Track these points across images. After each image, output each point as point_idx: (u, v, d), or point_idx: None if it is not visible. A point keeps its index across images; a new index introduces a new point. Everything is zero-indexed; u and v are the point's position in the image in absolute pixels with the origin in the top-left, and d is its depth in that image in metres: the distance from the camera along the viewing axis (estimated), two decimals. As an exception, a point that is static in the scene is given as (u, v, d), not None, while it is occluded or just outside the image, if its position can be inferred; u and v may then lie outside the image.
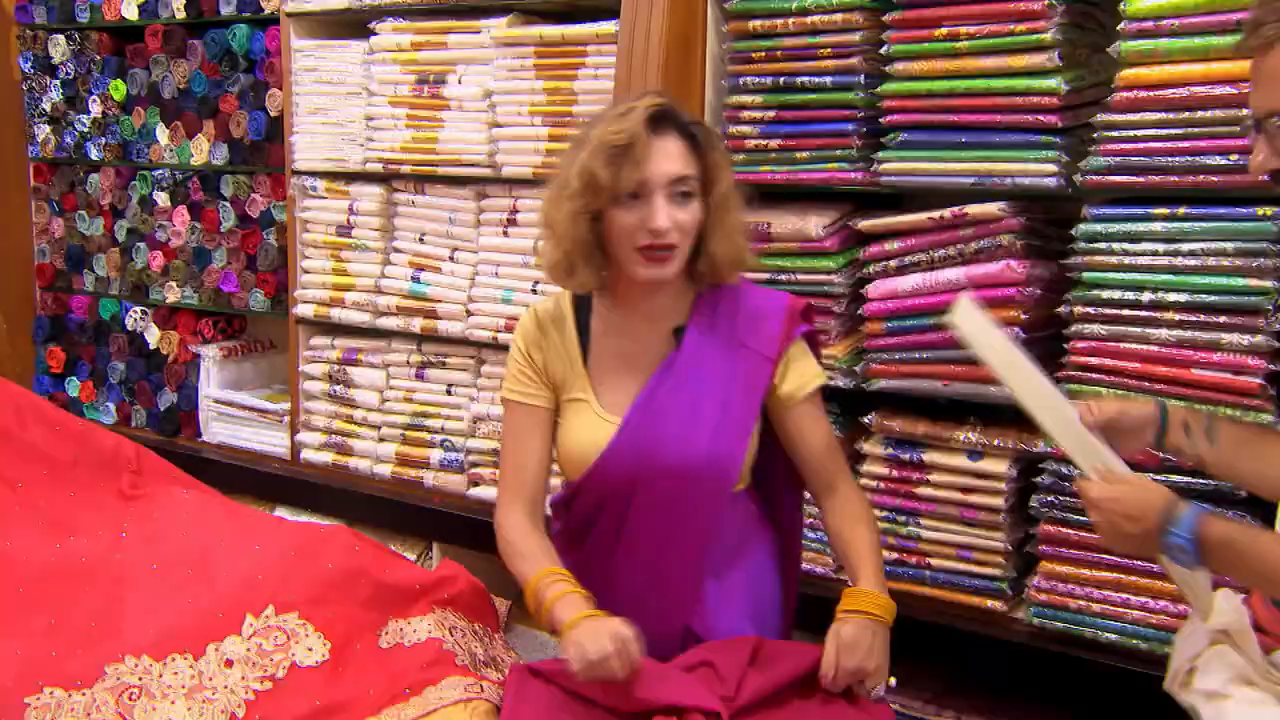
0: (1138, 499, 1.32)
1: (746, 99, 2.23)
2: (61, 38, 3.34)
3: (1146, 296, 1.90)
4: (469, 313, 2.66)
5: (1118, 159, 1.91)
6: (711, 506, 1.54)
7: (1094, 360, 1.94)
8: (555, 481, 1.76)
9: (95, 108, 3.31)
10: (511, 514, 1.57)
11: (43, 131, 3.44)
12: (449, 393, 2.74)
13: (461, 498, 2.71)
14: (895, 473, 2.11)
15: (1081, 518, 1.96)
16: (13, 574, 1.46)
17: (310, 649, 1.42)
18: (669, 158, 1.48)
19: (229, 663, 1.38)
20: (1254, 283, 1.82)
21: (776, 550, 1.70)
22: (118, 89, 3.24)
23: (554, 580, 1.45)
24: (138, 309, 3.31)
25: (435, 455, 2.75)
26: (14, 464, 1.60)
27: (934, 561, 2.10)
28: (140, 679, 1.35)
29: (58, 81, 3.38)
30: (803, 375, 1.60)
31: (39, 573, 1.48)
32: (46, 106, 3.42)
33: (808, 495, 1.74)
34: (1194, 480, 1.87)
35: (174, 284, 3.22)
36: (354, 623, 1.46)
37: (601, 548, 1.57)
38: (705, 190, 1.53)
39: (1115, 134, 1.91)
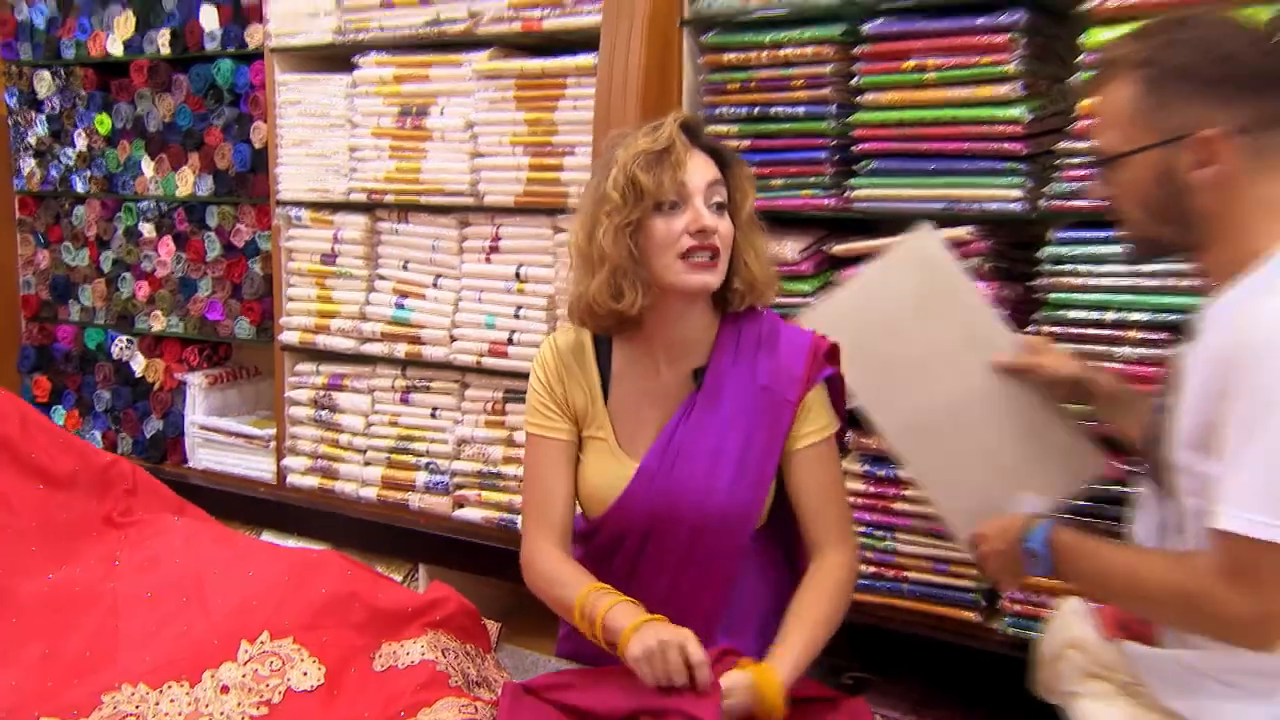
0: (1003, 523, 1.43)
1: (722, 129, 2.25)
2: (47, 73, 3.31)
3: (1110, 316, 1.92)
4: (453, 338, 2.65)
5: (1080, 184, 1.93)
6: (726, 554, 1.47)
7: (1061, 378, 1.96)
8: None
9: (81, 141, 3.28)
10: (542, 547, 1.50)
11: (28, 165, 3.41)
12: (433, 416, 2.73)
13: (447, 519, 2.69)
14: (872, 489, 2.12)
15: (1052, 530, 1.98)
16: (7, 604, 1.43)
17: (305, 674, 1.39)
18: (705, 164, 1.45)
19: (225, 689, 1.36)
20: (1211, 301, 1.86)
21: (789, 587, 1.57)
22: (103, 123, 3.22)
23: (602, 594, 1.40)
24: (123, 338, 3.28)
25: (420, 478, 2.73)
26: (13, 477, 1.57)
27: (910, 575, 2.11)
28: (137, 707, 1.32)
29: (43, 116, 3.35)
30: (813, 421, 1.48)
31: (33, 602, 1.45)
32: (32, 140, 3.39)
33: None
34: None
35: (160, 313, 3.19)
36: (348, 647, 1.44)
37: (617, 581, 1.51)
38: (733, 208, 1.47)
39: (1077, 160, 1.93)
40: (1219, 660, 1.24)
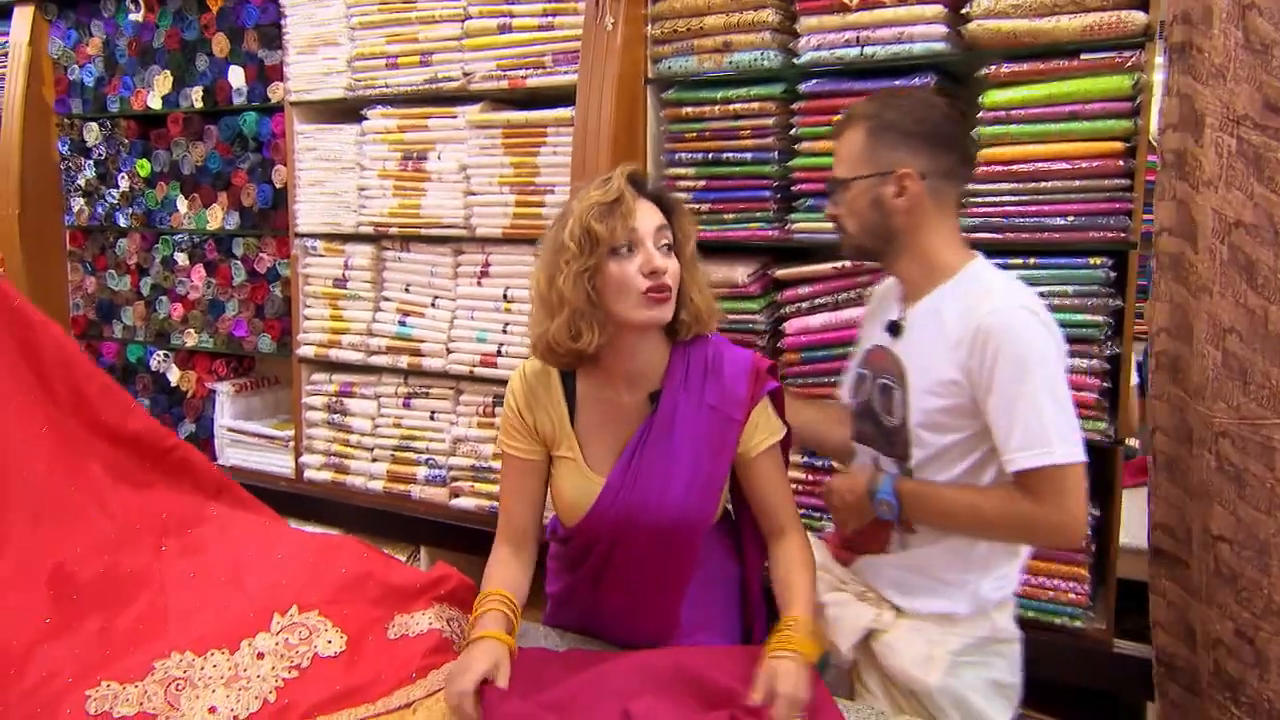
0: (850, 480, 1.52)
1: (681, 170, 2.23)
2: (95, 125, 3.22)
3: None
4: (449, 350, 2.60)
5: (981, 219, 1.95)
6: (683, 553, 1.43)
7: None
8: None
9: (124, 183, 3.19)
10: (497, 546, 1.47)
11: (78, 204, 3.30)
12: (432, 418, 2.68)
13: (445, 508, 2.63)
14: (810, 477, 2.11)
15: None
16: (68, 584, 1.36)
17: (330, 641, 1.35)
18: (651, 211, 1.37)
19: (260, 655, 1.31)
20: (1090, 317, 1.87)
21: (743, 570, 1.56)
22: (143, 167, 3.13)
23: (487, 597, 1.35)
24: (161, 353, 3.18)
25: (421, 472, 2.67)
26: (87, 440, 1.47)
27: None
28: (185, 671, 1.27)
29: (91, 161, 3.25)
30: (761, 431, 1.43)
31: (92, 583, 1.38)
32: (81, 182, 3.28)
33: None
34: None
35: (192, 331, 3.10)
36: (365, 618, 1.40)
37: (589, 578, 1.49)
38: (678, 249, 1.38)
39: (979, 200, 1.95)
40: (922, 565, 1.46)
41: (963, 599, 1.44)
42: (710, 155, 2.19)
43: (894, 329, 1.49)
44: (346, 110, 2.73)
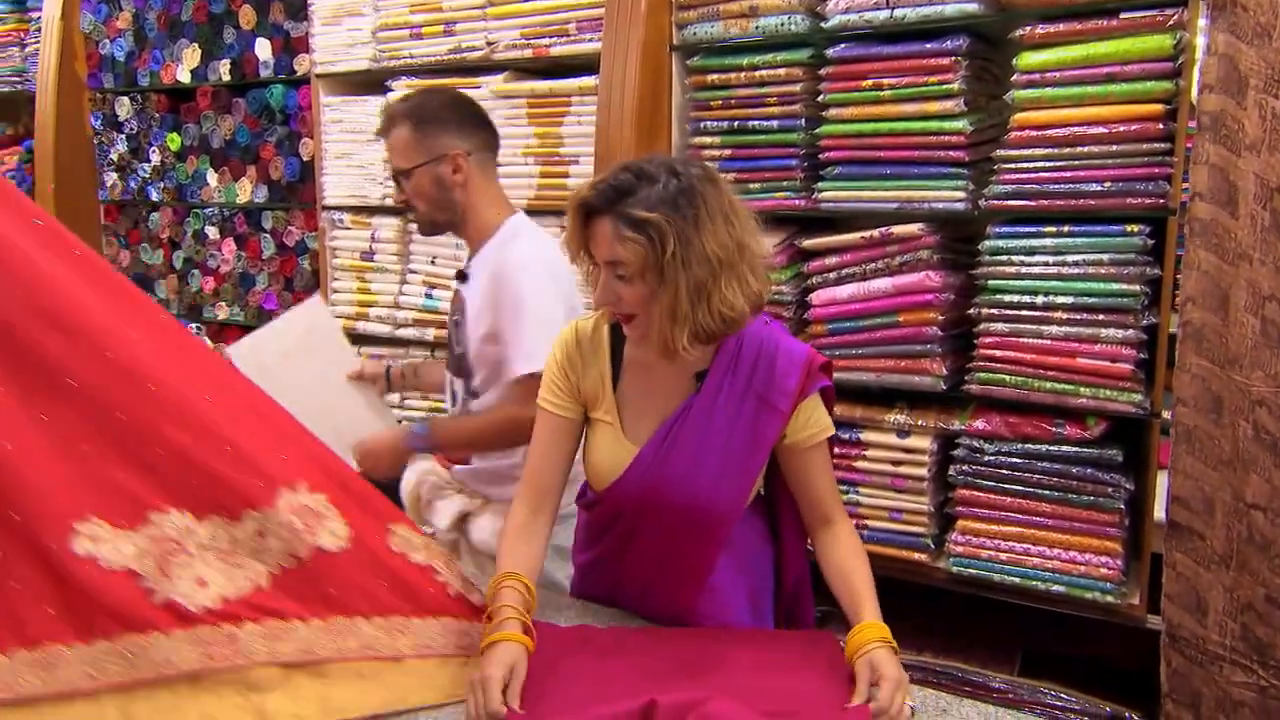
0: (381, 435, 1.82)
1: (706, 140, 2.20)
2: (126, 99, 3.25)
3: (1040, 300, 1.89)
4: (475, 323, 2.61)
5: (1014, 187, 1.90)
6: (711, 537, 1.39)
7: (998, 353, 1.93)
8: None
9: (155, 157, 3.22)
10: (517, 508, 1.43)
11: (111, 178, 3.35)
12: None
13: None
14: (838, 450, 2.08)
15: (991, 483, 1.96)
16: (65, 391, 1.18)
17: (334, 533, 1.26)
18: (602, 241, 1.26)
19: (261, 534, 1.23)
20: (1126, 287, 1.83)
21: (779, 552, 1.52)
22: (174, 141, 3.16)
23: (503, 587, 1.30)
24: (193, 325, 3.23)
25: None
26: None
27: (870, 523, 2.08)
28: (180, 538, 1.19)
29: (123, 136, 3.29)
30: (810, 426, 1.37)
31: (90, 372, 1.19)
32: (114, 157, 3.33)
33: None
34: (1080, 450, 1.87)
35: (224, 304, 3.14)
36: (371, 517, 1.32)
37: (615, 548, 1.46)
38: (658, 271, 1.24)
39: (1011, 166, 1.90)
40: (497, 465, 1.80)
41: (509, 488, 1.69)
42: (736, 123, 2.16)
43: (461, 277, 1.82)
44: (372, 82, 2.73)
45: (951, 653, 2.03)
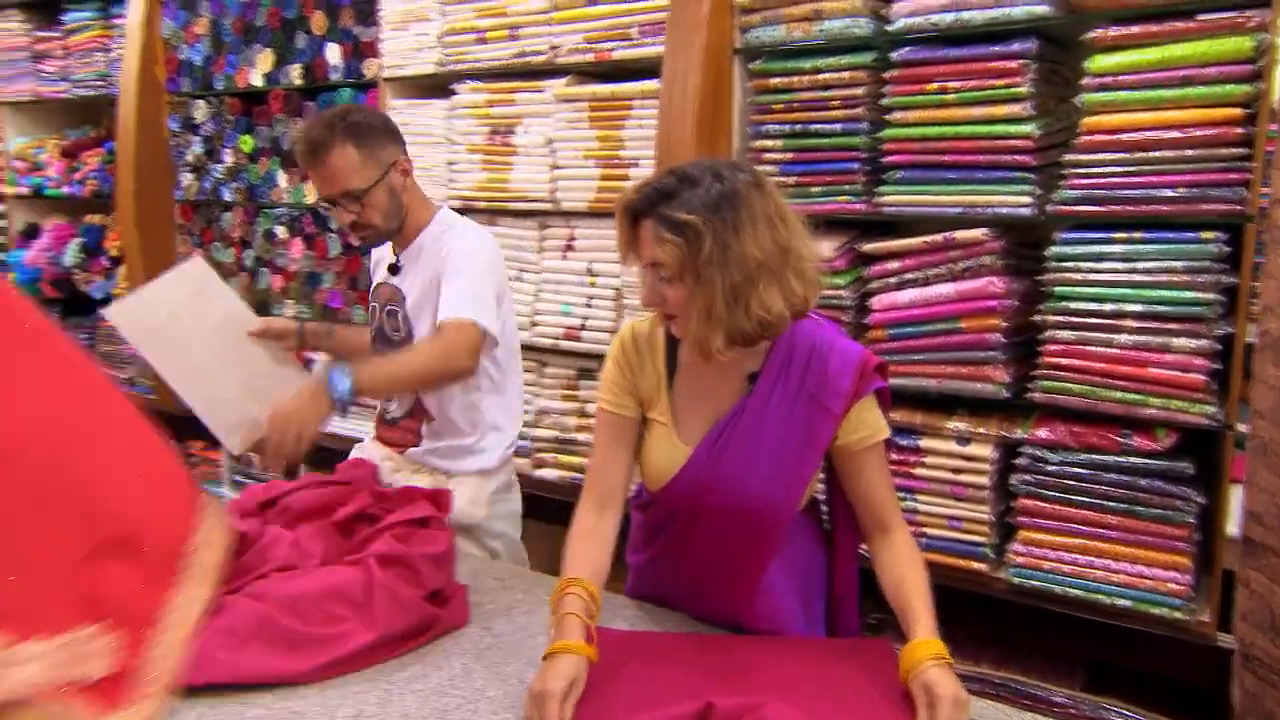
0: (299, 391, 1.62)
1: (768, 143, 2.20)
2: (202, 102, 3.36)
3: (1109, 307, 1.85)
4: (533, 323, 2.63)
5: (1083, 192, 1.86)
6: (765, 537, 1.39)
7: (1064, 360, 1.89)
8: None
9: (229, 158, 3.32)
10: (583, 511, 1.44)
11: (187, 179, 3.46)
12: (517, 390, 2.72)
13: (528, 478, 2.68)
14: (896, 456, 2.06)
15: (1054, 493, 1.92)
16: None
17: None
18: (646, 244, 1.29)
19: None
20: (1200, 295, 1.78)
21: (831, 557, 1.52)
22: (246, 143, 3.26)
23: (567, 593, 1.30)
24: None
25: (506, 442, 2.73)
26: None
27: (929, 530, 2.05)
28: None
29: (199, 138, 3.40)
30: (864, 428, 1.37)
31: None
32: (190, 158, 3.44)
33: None
34: (1149, 462, 1.82)
35: (291, 301, 3.22)
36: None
37: (669, 549, 1.48)
38: (695, 272, 1.26)
39: (1080, 170, 1.87)
40: (453, 443, 1.89)
41: (490, 456, 1.91)
42: (798, 127, 2.15)
43: (393, 269, 1.90)
44: (437, 85, 2.78)
45: (1010, 664, 1.99)
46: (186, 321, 1.92)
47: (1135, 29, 1.79)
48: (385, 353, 1.91)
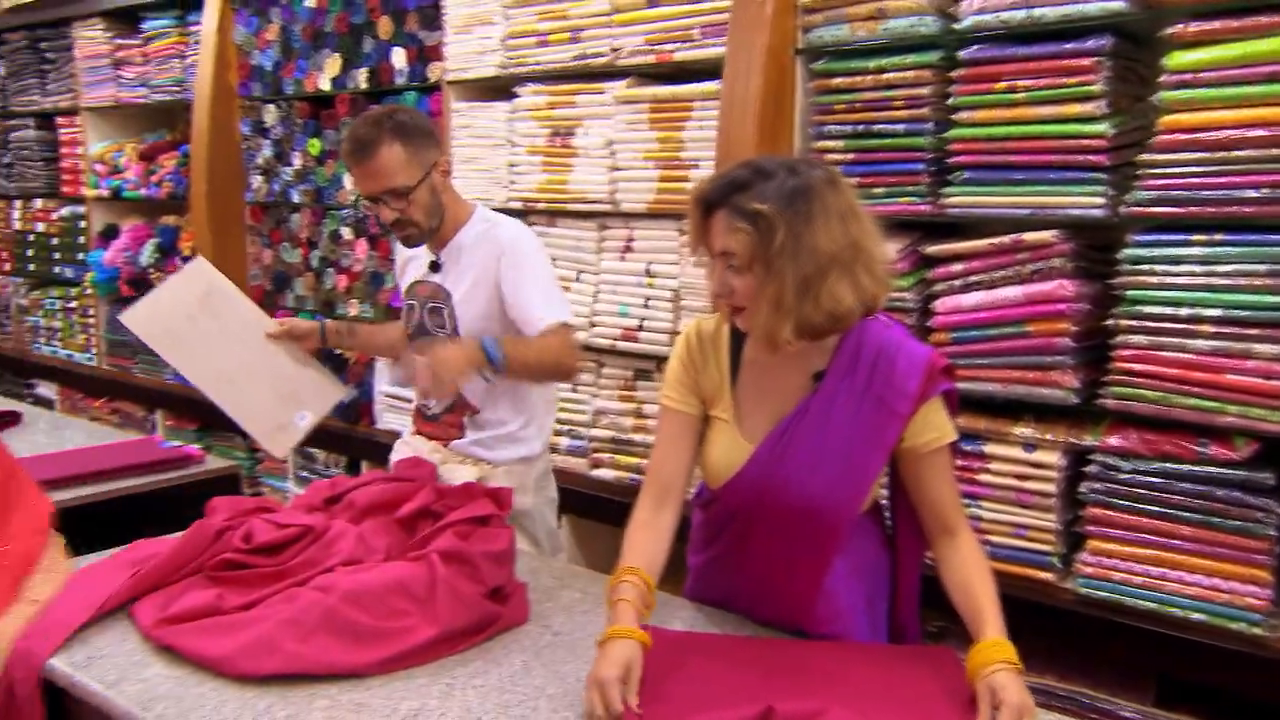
0: (458, 345, 1.76)
1: (829, 144, 2.17)
2: (272, 106, 3.44)
3: (1185, 311, 1.79)
4: (592, 324, 2.65)
5: (1159, 192, 1.80)
6: (827, 539, 1.37)
7: (1137, 366, 1.83)
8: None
9: (297, 161, 3.40)
10: (642, 504, 1.44)
11: (256, 181, 3.56)
12: (574, 390, 2.73)
13: (585, 478, 2.69)
14: (960, 462, 2.02)
15: (1126, 502, 1.86)
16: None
17: None
18: (717, 232, 1.30)
19: None
20: (1284, 299, 1.71)
21: (895, 561, 1.50)
22: (314, 146, 3.33)
23: (622, 581, 1.32)
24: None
25: (563, 442, 2.74)
26: None
27: (993, 538, 2.00)
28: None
29: (269, 141, 3.48)
30: (930, 430, 1.35)
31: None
32: (260, 161, 3.53)
33: None
34: (1226, 472, 1.76)
35: (355, 301, 3.29)
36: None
37: (730, 549, 1.47)
38: (765, 262, 1.26)
39: (1157, 171, 1.80)
40: (497, 433, 1.93)
41: (533, 444, 1.96)
42: (860, 127, 2.12)
43: (434, 267, 1.93)
44: (499, 88, 2.81)
45: (1078, 677, 1.94)
46: (204, 324, 2.00)
47: (1216, 24, 1.73)
48: (425, 347, 1.90)
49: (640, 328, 2.54)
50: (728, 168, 1.34)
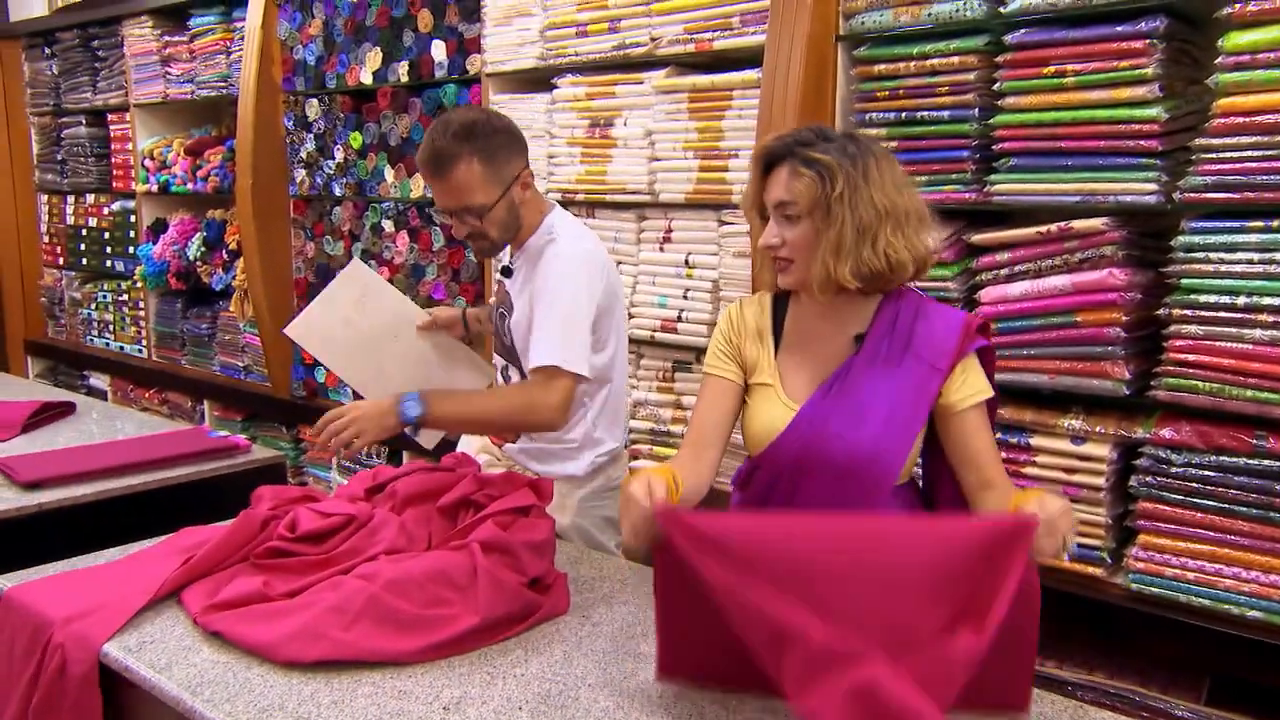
0: (380, 403, 1.68)
1: (871, 131, 2.13)
2: (315, 100, 3.48)
3: (1241, 300, 1.73)
4: (630, 315, 2.63)
5: (1214, 178, 1.75)
6: (872, 499, 1.40)
7: (1191, 357, 1.78)
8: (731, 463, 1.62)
9: (339, 155, 3.43)
10: (679, 456, 1.48)
11: (300, 174, 3.60)
12: (614, 381, 2.73)
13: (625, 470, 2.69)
14: (1005, 454, 1.97)
15: (1179, 496, 1.81)
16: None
17: None
18: (777, 185, 1.40)
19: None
20: (1346, 288, 1.64)
21: None
22: (356, 139, 3.36)
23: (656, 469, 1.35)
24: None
25: (603, 432, 2.74)
26: None
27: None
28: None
29: (311, 135, 3.52)
30: (968, 387, 1.40)
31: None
32: (303, 155, 3.56)
33: None
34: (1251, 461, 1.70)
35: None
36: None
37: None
38: (825, 209, 1.35)
39: (1212, 156, 1.75)
40: (543, 446, 1.90)
41: (579, 465, 1.90)
42: (903, 114, 2.08)
43: (506, 272, 1.92)
44: (538, 80, 2.81)
45: (1128, 674, 1.89)
46: (360, 326, 2.03)
47: (1276, 2, 1.66)
48: (502, 351, 1.96)
49: (679, 319, 2.53)
50: (791, 130, 1.44)
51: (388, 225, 3.31)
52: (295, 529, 1.55)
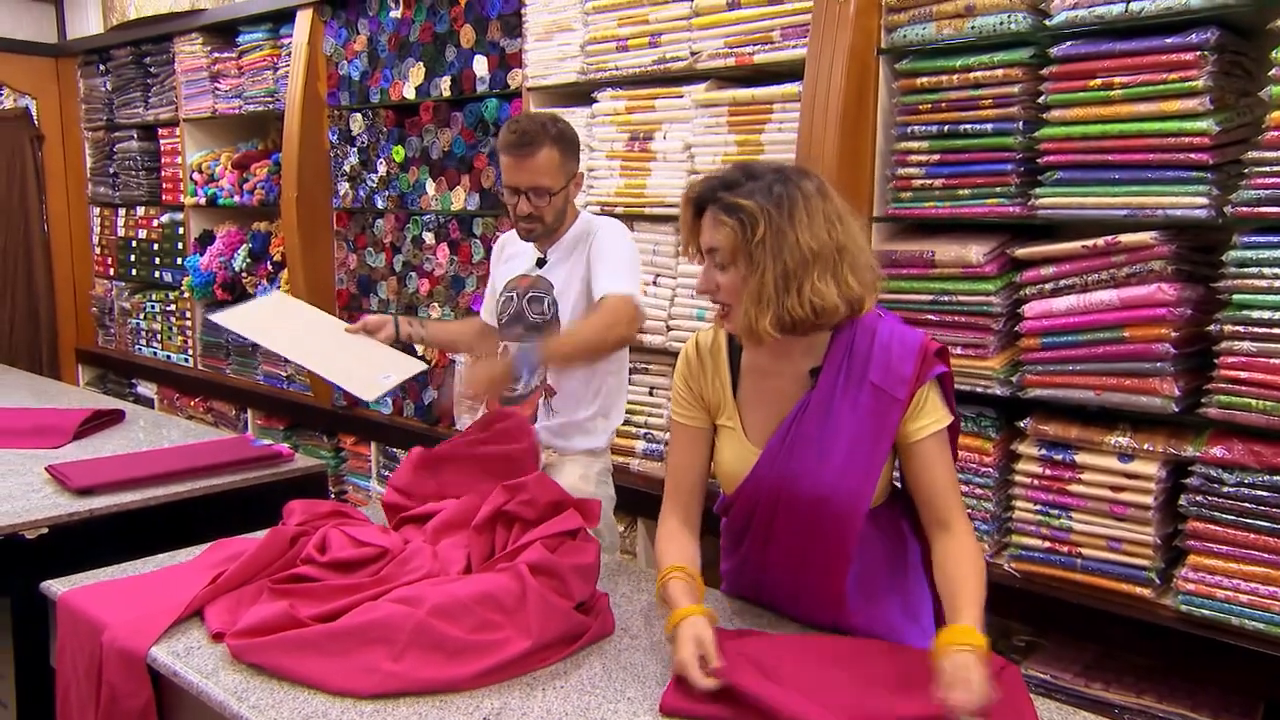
0: (492, 361, 1.86)
1: (913, 145, 2.13)
2: (359, 115, 3.54)
3: (1296, 316, 1.69)
4: (668, 328, 2.64)
5: (1267, 191, 1.71)
6: (844, 529, 1.37)
7: (1243, 375, 1.74)
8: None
9: (381, 168, 3.49)
10: (665, 520, 1.49)
11: (343, 187, 3.66)
12: (651, 394, 2.74)
13: (661, 481, 2.68)
14: (1048, 471, 1.96)
15: (1231, 516, 1.77)
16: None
17: None
18: (705, 231, 1.35)
19: None
20: (1407, 304, 1.60)
21: (914, 556, 1.49)
22: (398, 153, 3.41)
23: (670, 579, 1.37)
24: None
25: (640, 446, 2.75)
26: None
27: (1085, 551, 1.93)
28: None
29: (355, 149, 3.58)
30: (925, 416, 1.36)
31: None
32: (346, 168, 3.63)
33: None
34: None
35: (437, 304, 3.35)
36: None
37: (754, 551, 1.49)
38: (747, 255, 1.29)
39: (1265, 169, 1.72)
40: (568, 422, 2.04)
41: (601, 437, 2.07)
42: (946, 127, 2.07)
43: (540, 263, 2.04)
44: (578, 93, 2.83)
45: (1178, 699, 1.85)
46: (286, 321, 2.23)
47: (1333, 13, 1.63)
48: (519, 333, 2.05)
49: (717, 332, 2.53)
50: (718, 170, 1.39)
51: (428, 237, 3.35)
52: (325, 550, 1.54)
